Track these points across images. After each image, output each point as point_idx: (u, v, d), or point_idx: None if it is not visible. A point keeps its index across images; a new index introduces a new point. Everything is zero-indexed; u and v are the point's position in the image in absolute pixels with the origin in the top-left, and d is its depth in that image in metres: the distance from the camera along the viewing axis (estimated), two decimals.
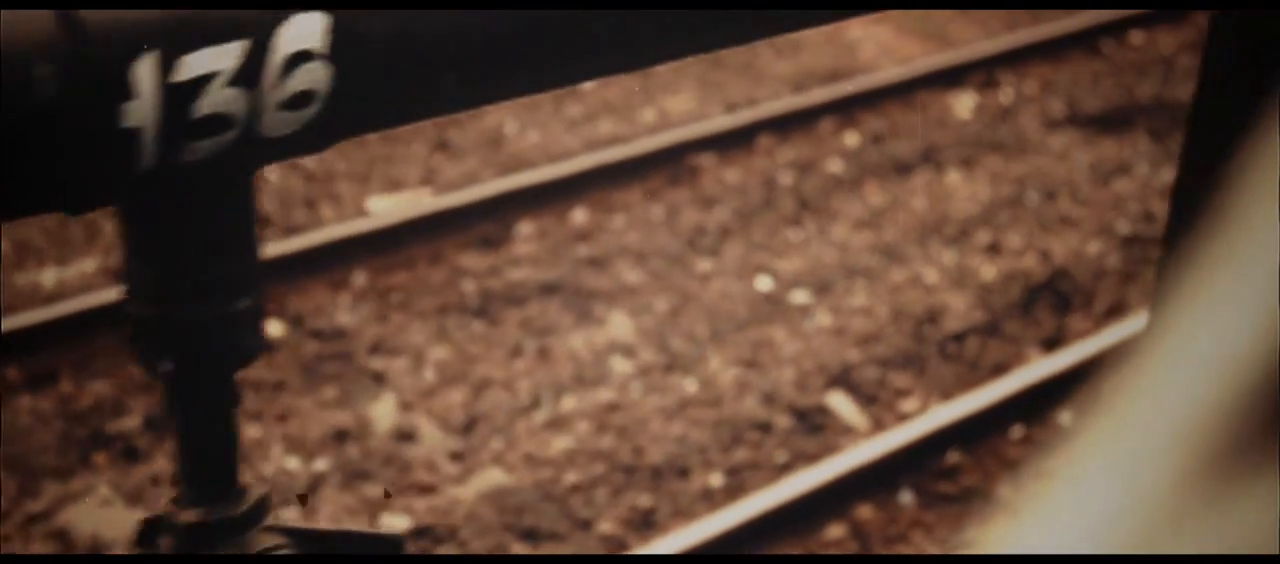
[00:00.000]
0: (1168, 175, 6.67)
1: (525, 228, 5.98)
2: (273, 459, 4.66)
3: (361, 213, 6.04)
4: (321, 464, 4.64)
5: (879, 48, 7.86)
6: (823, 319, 5.53)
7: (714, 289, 5.69)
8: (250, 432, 4.73)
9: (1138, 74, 7.76)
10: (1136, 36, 8.18)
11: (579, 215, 6.10)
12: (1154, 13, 8.39)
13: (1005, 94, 7.44)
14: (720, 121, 6.84)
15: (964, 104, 7.31)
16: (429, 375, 5.08)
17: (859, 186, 6.49)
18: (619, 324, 5.43)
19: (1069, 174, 6.67)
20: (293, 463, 4.64)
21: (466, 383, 5.05)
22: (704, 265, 5.84)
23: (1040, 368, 5.14)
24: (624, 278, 5.73)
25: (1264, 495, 0.39)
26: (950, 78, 7.48)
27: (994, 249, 6.02)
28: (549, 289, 5.62)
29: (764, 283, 5.75)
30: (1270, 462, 0.39)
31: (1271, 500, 0.39)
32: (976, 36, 8.09)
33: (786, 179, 6.51)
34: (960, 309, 5.61)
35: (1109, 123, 7.20)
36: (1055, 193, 6.50)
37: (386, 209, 6.00)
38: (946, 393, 5.11)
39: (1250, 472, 0.39)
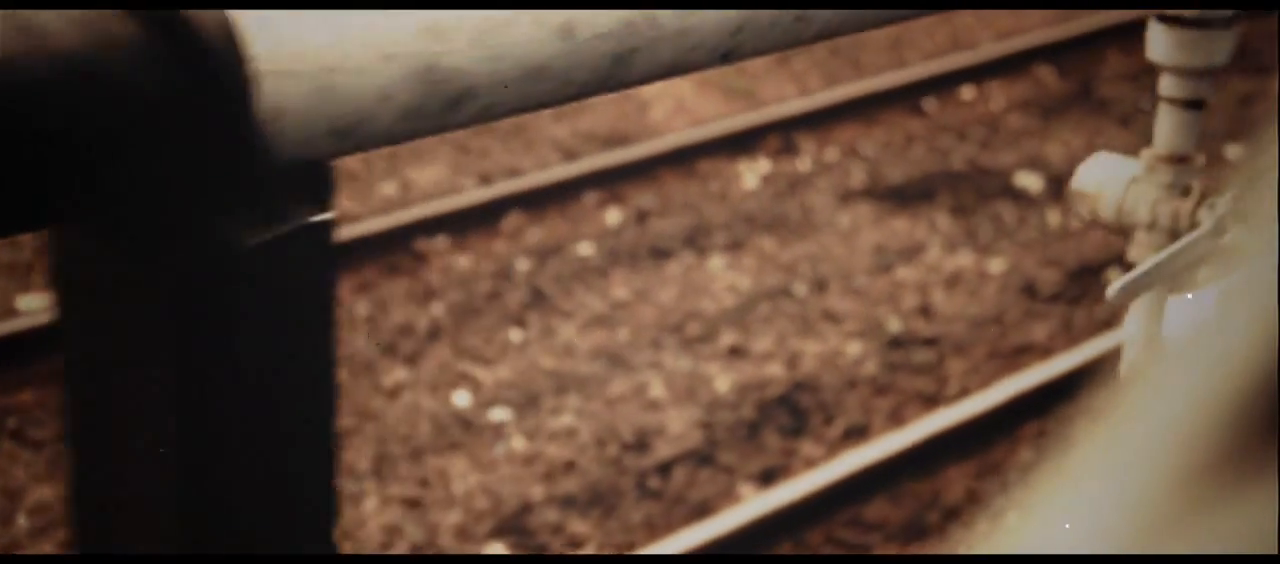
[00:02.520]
0: (964, 259, 5.96)
1: None
2: None
3: (12, 312, 5.31)
4: None
5: (674, 107, 7.14)
6: (516, 444, 4.81)
7: (401, 405, 4.97)
8: None
9: (957, 137, 7.04)
10: (967, 92, 7.47)
11: None
12: (991, 64, 7.69)
13: (803, 161, 6.73)
14: (466, 197, 6.12)
15: (754, 173, 6.59)
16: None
17: (605, 275, 5.77)
18: None
19: (849, 258, 5.95)
20: None
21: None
22: (397, 375, 5.12)
23: (748, 509, 4.43)
24: None
25: (1264, 497, 0.40)
26: (744, 142, 6.76)
27: (736, 353, 5.30)
28: None
29: (461, 398, 5.03)
30: (1270, 463, 0.40)
31: (1271, 501, 0.39)
32: (789, 94, 7.38)
33: (525, 266, 5.78)
34: (677, 431, 4.89)
35: (908, 196, 6.48)
36: (827, 282, 5.78)
37: (41, 307, 5.26)
38: (629, 542, 4.39)
39: (1250, 473, 0.40)
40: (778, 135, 6.86)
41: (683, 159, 6.59)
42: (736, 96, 7.28)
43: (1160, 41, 1.72)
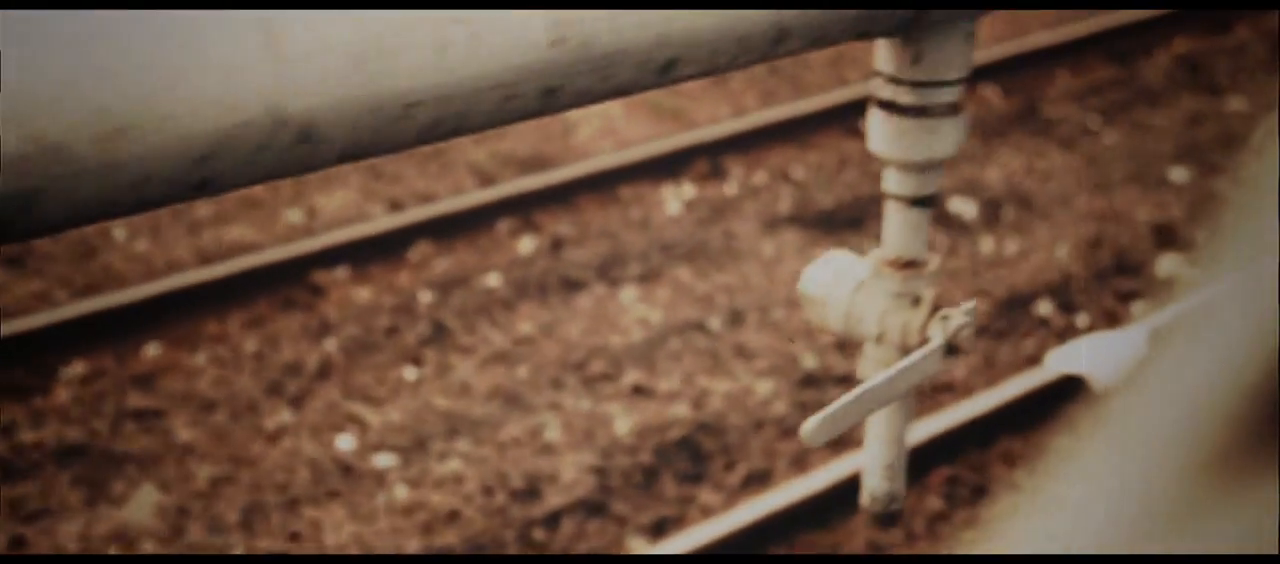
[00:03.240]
0: None
1: (76, 369, 5.00)
2: None
3: None
4: None
5: (601, 129, 6.90)
6: (398, 492, 4.57)
7: (281, 450, 4.72)
8: None
9: None
10: None
11: (151, 351, 5.12)
12: None
13: (730, 185, 6.48)
14: (372, 226, 5.87)
15: (678, 198, 6.34)
16: None
17: (512, 309, 5.52)
18: (140, 504, 4.46)
19: (769, 290, 5.71)
20: None
21: None
22: (281, 418, 4.87)
23: None
24: (176, 436, 4.76)
25: (1264, 496, 0.40)
26: (669, 166, 6.52)
27: (640, 392, 5.06)
28: (70, 454, 4.64)
29: (345, 442, 4.78)
30: (1270, 462, 0.40)
31: (1271, 501, 0.39)
32: (723, 114, 7.14)
33: (428, 299, 5.54)
34: (570, 477, 4.64)
35: (837, 223, 6.24)
36: (743, 315, 5.54)
37: None
38: None
39: (1250, 472, 0.40)
40: (706, 158, 6.62)
41: (604, 184, 6.34)
42: (667, 117, 7.04)
43: (879, 131, 1.48)
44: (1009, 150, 6.91)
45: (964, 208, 6.36)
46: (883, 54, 1.45)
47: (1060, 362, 5.00)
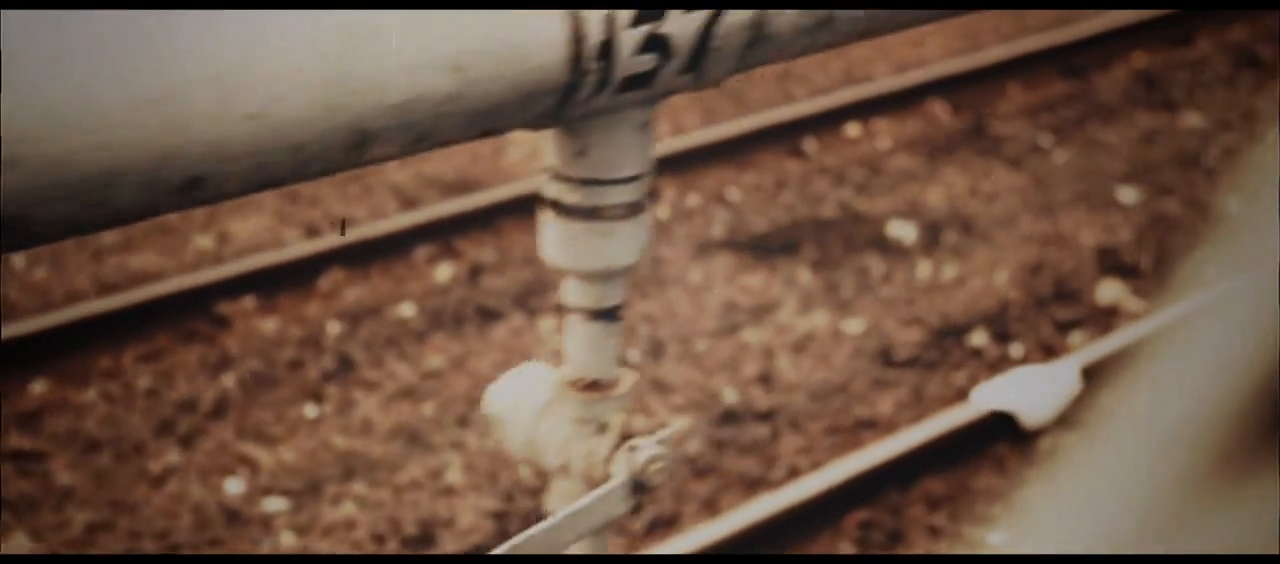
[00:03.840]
0: (819, 319, 5.49)
1: None
2: None
3: None
4: None
5: (532, 150, 6.67)
6: (285, 539, 4.35)
7: (166, 495, 4.50)
8: None
9: (835, 180, 6.57)
10: (852, 129, 7.00)
11: (37, 388, 4.90)
12: (882, 99, 7.23)
13: (663, 208, 6.26)
14: (284, 253, 5.65)
15: None
16: None
17: (423, 341, 5.30)
18: (10, 552, 4.23)
19: (694, 319, 5.49)
20: None
21: None
22: (168, 459, 4.65)
23: None
24: (56, 480, 4.53)
25: (1264, 496, 0.40)
26: None
27: None
28: None
29: (234, 485, 4.56)
30: (1270, 462, 0.40)
31: (1272, 501, 0.40)
32: (661, 133, 6.90)
33: (336, 330, 5.31)
34: (468, 522, 4.42)
35: (771, 247, 6.02)
36: (664, 346, 5.31)
37: None
38: None
39: (1250, 472, 0.40)
40: None
41: (530, 208, 6.11)
42: None
43: (547, 234, 1.27)
44: (954, 169, 6.69)
45: (903, 231, 6.13)
46: (548, 145, 1.24)
47: (987, 397, 4.77)
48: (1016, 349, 5.30)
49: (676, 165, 6.51)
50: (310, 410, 4.91)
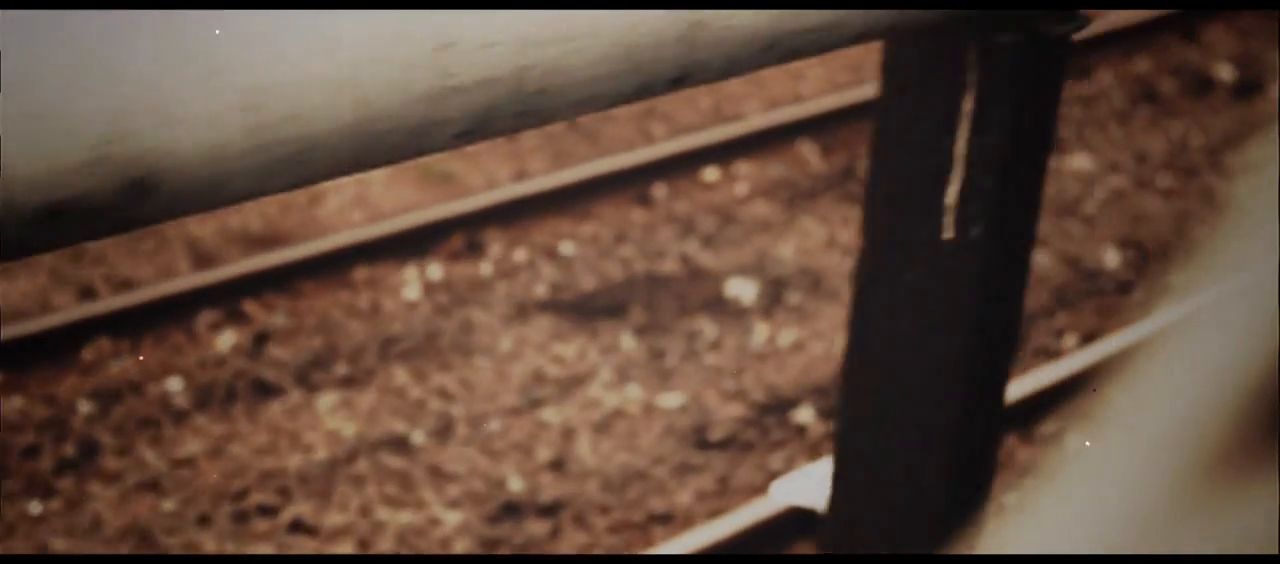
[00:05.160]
0: (633, 392, 4.96)
1: None
2: None
3: None
4: None
5: (354, 198, 6.14)
6: None
7: None
8: None
9: (681, 231, 6.04)
10: (710, 174, 6.48)
11: None
12: (748, 139, 6.69)
13: (485, 264, 5.72)
14: (45, 320, 5.10)
15: (419, 282, 5.58)
16: None
17: (184, 421, 4.76)
18: None
19: (494, 394, 4.95)
20: None
21: None
22: None
23: None
24: None
25: (1264, 496, 0.39)
26: (419, 242, 5.76)
27: (299, 529, 4.30)
28: None
29: None
30: (1270, 462, 0.40)
31: (1272, 501, 0.39)
32: (502, 178, 6.38)
33: (86, 410, 4.77)
34: None
35: (595, 309, 5.48)
36: (454, 427, 4.78)
37: None
38: None
39: (1250, 472, 0.40)
40: (464, 232, 5.86)
41: (335, 265, 5.58)
42: (435, 183, 6.29)
43: None
44: (813, 219, 6.16)
45: (742, 290, 5.60)
46: None
47: (788, 492, 4.24)
48: None
49: (507, 216, 5.98)
50: (35, 507, 4.37)
